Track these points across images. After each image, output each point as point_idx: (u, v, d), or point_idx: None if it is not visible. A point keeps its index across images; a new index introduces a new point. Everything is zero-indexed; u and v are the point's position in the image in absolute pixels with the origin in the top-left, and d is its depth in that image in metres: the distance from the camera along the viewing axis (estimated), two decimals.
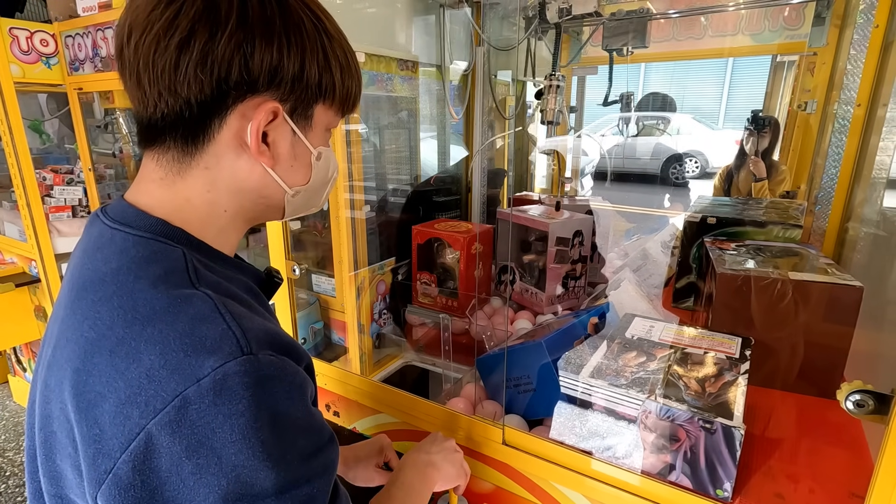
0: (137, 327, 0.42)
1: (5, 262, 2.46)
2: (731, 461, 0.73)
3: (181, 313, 0.42)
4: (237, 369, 0.40)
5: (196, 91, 0.46)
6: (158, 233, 0.48)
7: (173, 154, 0.49)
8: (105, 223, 0.50)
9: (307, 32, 0.49)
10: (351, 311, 1.40)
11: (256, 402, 0.41)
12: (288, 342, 0.48)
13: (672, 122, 4.65)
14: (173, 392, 0.39)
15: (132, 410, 0.40)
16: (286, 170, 0.53)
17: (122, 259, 0.46)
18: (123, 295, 0.44)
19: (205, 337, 0.41)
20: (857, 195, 1.31)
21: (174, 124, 0.48)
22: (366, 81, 1.47)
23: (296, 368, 0.46)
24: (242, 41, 0.45)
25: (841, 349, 0.97)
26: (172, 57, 0.44)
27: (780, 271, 1.03)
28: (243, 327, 0.43)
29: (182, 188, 0.50)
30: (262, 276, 0.60)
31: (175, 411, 0.39)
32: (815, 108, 1.57)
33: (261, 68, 0.46)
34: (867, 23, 1.20)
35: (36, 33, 1.98)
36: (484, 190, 1.90)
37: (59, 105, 2.63)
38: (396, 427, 1.07)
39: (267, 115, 0.48)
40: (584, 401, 0.85)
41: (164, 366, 0.40)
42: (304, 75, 0.49)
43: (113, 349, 0.42)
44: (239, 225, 0.55)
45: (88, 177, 2.19)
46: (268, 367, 0.42)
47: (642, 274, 1.56)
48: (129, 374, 0.40)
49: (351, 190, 1.35)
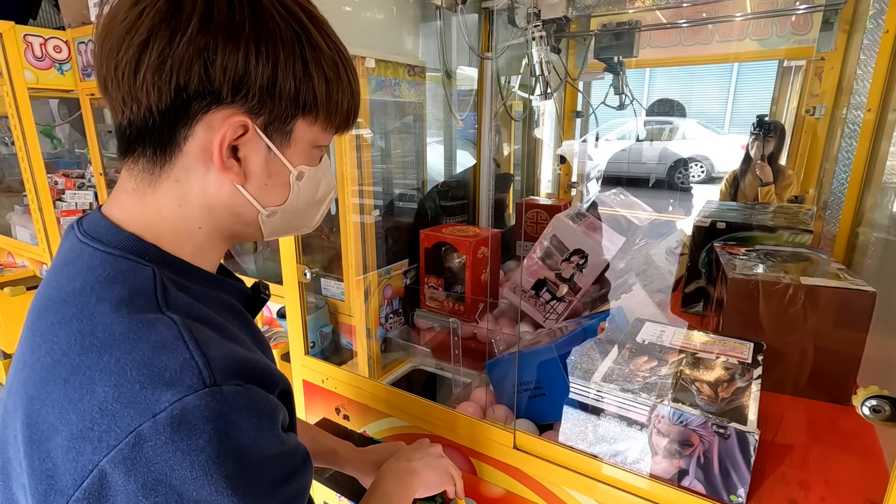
0: (94, 355, 0.39)
1: (17, 265, 2.49)
2: (745, 467, 0.73)
3: (141, 340, 0.40)
4: (197, 403, 0.38)
5: (155, 99, 0.43)
6: (129, 249, 0.46)
7: (143, 164, 0.47)
8: (77, 236, 0.47)
9: (283, 40, 0.44)
10: (359, 315, 1.41)
11: (218, 437, 0.38)
12: (259, 368, 0.45)
13: (678, 126, 4.65)
14: (127, 428, 0.37)
15: (84, 446, 0.37)
16: (258, 188, 0.49)
17: (87, 278, 0.44)
18: (83, 318, 0.41)
19: (164, 368, 0.39)
20: (867, 200, 1.30)
21: (141, 133, 0.45)
22: (374, 87, 1.49)
23: (265, 397, 0.43)
24: (203, 47, 0.41)
25: (853, 355, 0.96)
26: (132, 61, 0.42)
27: (791, 276, 1.03)
28: (208, 356, 0.40)
29: (153, 200, 0.47)
30: (247, 293, 0.57)
31: (129, 448, 0.36)
32: (824, 112, 1.56)
33: (224, 77, 0.43)
34: (877, 28, 1.20)
35: (49, 40, 2.01)
36: (491, 195, 1.91)
37: (70, 110, 2.66)
38: (407, 431, 1.08)
39: (234, 128, 0.45)
40: (596, 406, 0.85)
41: (119, 398, 0.37)
42: (275, 87, 0.45)
43: (67, 378, 0.39)
44: (216, 242, 0.52)
45: (99, 181, 2.22)
46: (232, 398, 0.40)
47: (644, 279, 1.55)
48: (82, 405, 0.38)
49: (361, 195, 1.36)
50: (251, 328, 0.55)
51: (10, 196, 2.71)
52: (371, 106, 1.50)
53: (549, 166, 2.44)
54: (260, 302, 0.59)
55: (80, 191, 2.29)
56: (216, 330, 0.45)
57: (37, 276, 2.35)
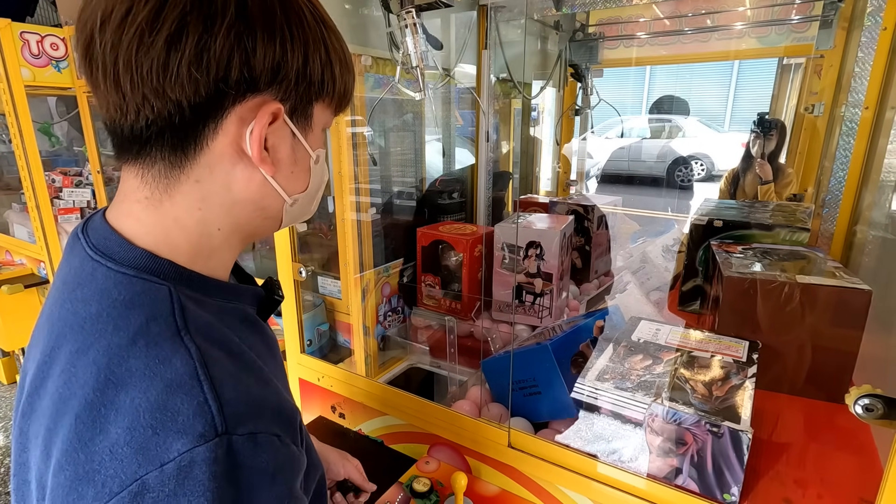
0: (110, 392, 0.38)
1: (15, 263, 2.49)
2: (738, 465, 0.73)
3: (156, 378, 0.38)
4: (205, 456, 0.36)
5: (190, 93, 0.41)
6: (143, 268, 0.44)
7: (160, 168, 0.44)
8: (87, 252, 0.45)
9: (308, 25, 0.44)
10: (356, 314, 1.41)
11: (220, 495, 0.37)
12: (275, 405, 0.44)
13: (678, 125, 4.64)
14: (133, 475, 0.36)
15: (87, 489, 0.36)
16: (286, 177, 0.48)
17: (103, 302, 0.42)
18: (100, 349, 0.40)
19: (177, 412, 0.37)
20: (865, 198, 1.30)
21: (161, 132, 0.42)
22: (371, 84, 1.48)
23: (275, 451, 0.41)
24: (242, 34, 0.40)
25: (849, 353, 0.96)
26: (161, 55, 0.39)
27: (788, 275, 1.02)
28: (222, 400, 0.39)
29: (170, 208, 0.45)
30: (260, 294, 0.56)
31: (130, 497, 0.35)
32: (823, 110, 1.56)
33: (263, 65, 0.42)
34: (875, 25, 1.20)
35: (46, 37, 2.01)
36: (489, 193, 1.91)
37: (68, 108, 2.66)
38: (402, 429, 1.07)
39: (269, 116, 0.44)
40: (591, 404, 0.85)
41: (130, 442, 0.36)
42: (307, 71, 0.45)
43: (79, 413, 0.38)
44: (234, 243, 0.51)
45: (97, 179, 2.21)
46: (240, 452, 0.38)
47: (640, 276, 1.55)
48: (93, 446, 0.37)
49: (357, 192, 1.36)
50: (265, 337, 0.54)
51: (8, 194, 2.71)
52: (369, 104, 1.50)
53: (547, 164, 2.44)
54: (274, 304, 0.58)
55: (77, 188, 2.28)
56: (233, 357, 0.44)
57: (35, 273, 2.35)
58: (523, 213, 1.60)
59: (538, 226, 1.39)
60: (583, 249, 1.64)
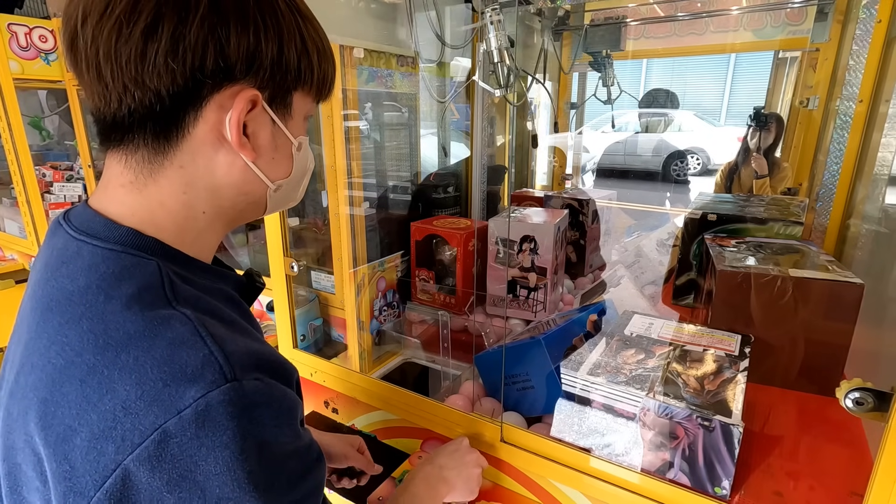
0: (110, 354, 0.39)
1: (5, 258, 2.46)
2: (729, 459, 0.73)
3: (158, 337, 0.39)
4: (221, 398, 0.38)
5: (168, 82, 0.42)
6: (130, 244, 0.45)
7: (143, 154, 0.45)
8: (69, 233, 0.46)
9: (283, 14, 0.46)
10: (350, 309, 1.40)
11: (242, 433, 0.38)
12: (274, 360, 0.45)
13: (673, 118, 4.63)
14: (152, 425, 0.37)
15: (107, 445, 0.37)
16: (268, 163, 0.50)
17: (91, 276, 0.43)
18: (94, 317, 0.41)
19: (185, 364, 0.38)
20: (858, 192, 1.30)
21: (143, 120, 0.44)
22: (365, 78, 1.47)
23: (283, 391, 0.44)
24: (216, 25, 0.42)
25: (841, 346, 0.96)
26: (138, 45, 0.41)
27: (781, 268, 1.02)
28: (226, 351, 0.40)
29: (155, 191, 0.46)
30: (242, 281, 0.57)
31: (155, 446, 0.37)
32: (818, 104, 1.56)
33: (237, 54, 0.43)
34: (870, 18, 1.19)
35: (35, 29, 1.98)
36: (484, 187, 1.90)
37: (58, 101, 2.63)
38: (395, 424, 1.07)
39: (246, 103, 0.45)
40: (583, 398, 0.85)
41: (142, 397, 0.37)
42: (282, 60, 0.46)
43: (84, 378, 0.39)
44: (218, 227, 0.52)
45: (88, 173, 2.19)
46: (253, 393, 0.40)
47: (634, 270, 1.55)
48: (103, 405, 0.37)
49: (350, 187, 1.35)
50: (250, 319, 0.55)
51: None
52: (363, 97, 1.48)
53: (543, 158, 2.43)
54: (255, 290, 0.59)
55: (68, 183, 2.26)
56: (226, 324, 0.45)
57: (26, 269, 2.33)
58: (518, 207, 1.59)
59: (532, 220, 1.38)
60: (577, 243, 1.64)
